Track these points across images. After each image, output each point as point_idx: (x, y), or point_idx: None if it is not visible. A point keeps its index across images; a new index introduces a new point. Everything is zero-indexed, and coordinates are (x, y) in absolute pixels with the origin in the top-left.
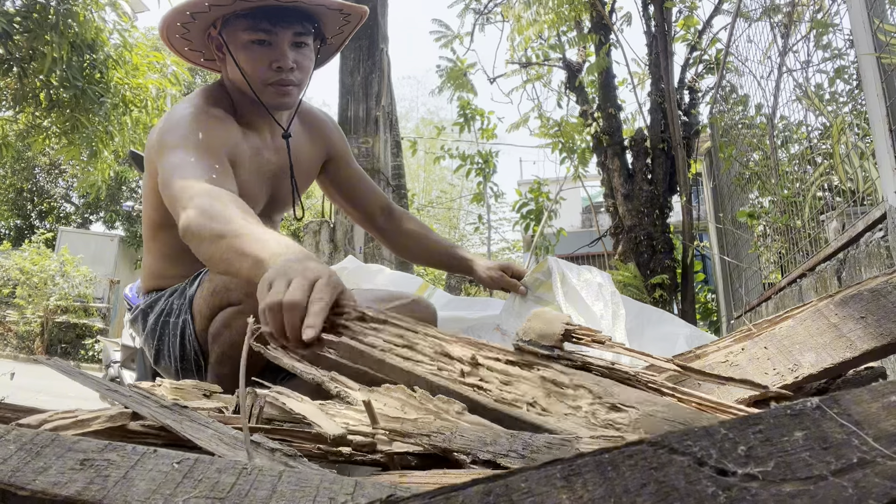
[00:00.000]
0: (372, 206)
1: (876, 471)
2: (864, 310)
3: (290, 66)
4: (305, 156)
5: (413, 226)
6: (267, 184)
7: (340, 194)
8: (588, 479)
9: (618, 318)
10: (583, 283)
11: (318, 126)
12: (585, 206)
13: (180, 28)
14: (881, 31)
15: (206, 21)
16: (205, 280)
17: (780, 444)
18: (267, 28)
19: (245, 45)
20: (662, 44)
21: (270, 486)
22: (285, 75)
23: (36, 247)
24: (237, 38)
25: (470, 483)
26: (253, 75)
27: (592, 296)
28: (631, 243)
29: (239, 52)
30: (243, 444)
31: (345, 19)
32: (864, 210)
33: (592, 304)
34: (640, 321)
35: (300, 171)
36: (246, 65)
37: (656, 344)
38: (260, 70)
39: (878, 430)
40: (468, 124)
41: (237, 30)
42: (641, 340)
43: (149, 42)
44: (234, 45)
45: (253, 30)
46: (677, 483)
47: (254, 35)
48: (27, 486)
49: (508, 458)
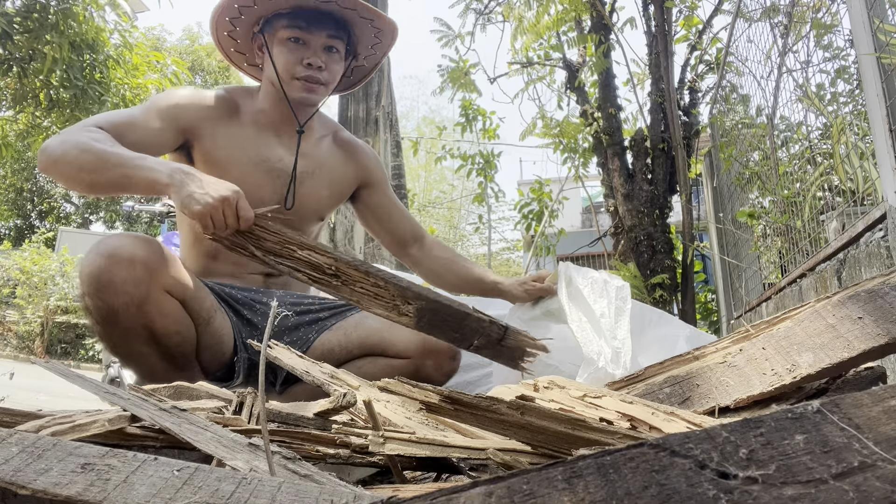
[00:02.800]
0: (404, 234)
1: (877, 474)
2: (861, 310)
3: (320, 64)
4: (331, 170)
5: (443, 253)
6: (267, 176)
7: (374, 220)
8: (589, 481)
9: (622, 315)
10: (588, 281)
11: (354, 151)
12: (585, 206)
13: (228, 25)
14: (881, 31)
15: (252, 18)
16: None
17: (781, 448)
18: (302, 26)
19: (281, 41)
20: (662, 44)
21: (269, 495)
22: (314, 72)
23: (36, 247)
24: (275, 35)
25: (471, 485)
26: (283, 68)
27: (597, 293)
28: (631, 243)
29: (275, 47)
30: (243, 447)
31: (376, 36)
32: (864, 210)
33: (595, 302)
34: (641, 322)
35: (318, 178)
36: (279, 58)
37: (656, 345)
38: (291, 64)
39: (879, 433)
40: (470, 125)
41: (277, 27)
42: (641, 341)
43: (149, 42)
44: (272, 42)
45: (290, 27)
46: (679, 486)
47: (290, 32)
48: (28, 486)
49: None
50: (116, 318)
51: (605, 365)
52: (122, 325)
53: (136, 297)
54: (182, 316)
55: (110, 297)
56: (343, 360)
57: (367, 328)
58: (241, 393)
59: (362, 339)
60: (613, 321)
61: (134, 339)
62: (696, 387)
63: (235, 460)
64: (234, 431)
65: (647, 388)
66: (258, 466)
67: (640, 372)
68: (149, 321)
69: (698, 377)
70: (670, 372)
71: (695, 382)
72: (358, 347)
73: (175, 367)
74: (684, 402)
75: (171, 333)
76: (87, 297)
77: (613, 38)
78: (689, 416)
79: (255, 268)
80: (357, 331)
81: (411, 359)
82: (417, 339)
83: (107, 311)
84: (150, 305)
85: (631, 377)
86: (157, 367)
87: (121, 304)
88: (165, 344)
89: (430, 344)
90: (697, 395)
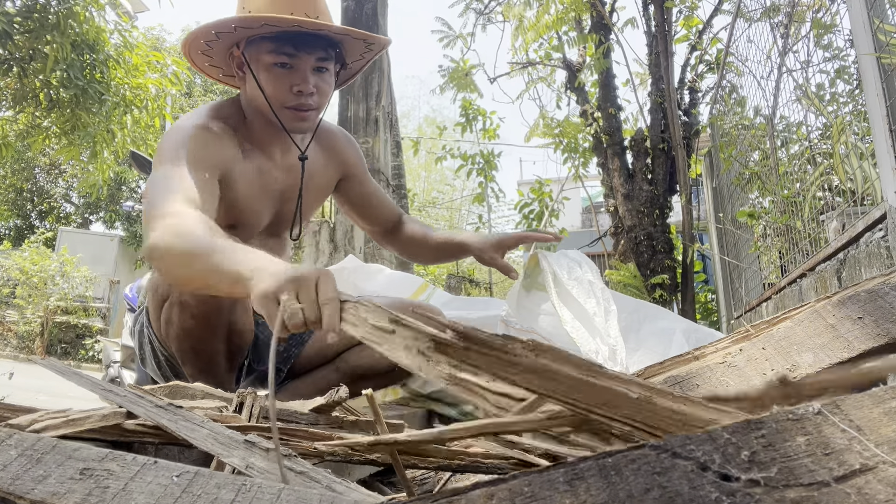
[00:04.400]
0: (385, 220)
1: (878, 477)
2: (861, 310)
3: (311, 90)
4: (319, 176)
5: (413, 229)
6: (272, 202)
7: (354, 211)
8: (591, 483)
9: (610, 315)
10: (573, 281)
11: (333, 145)
12: (585, 206)
13: (203, 45)
14: (881, 31)
15: (230, 41)
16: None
17: (782, 449)
18: (290, 52)
19: (267, 67)
20: (663, 44)
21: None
22: (304, 99)
23: (36, 247)
24: (260, 60)
25: (472, 487)
26: (273, 97)
27: (584, 294)
28: (631, 243)
29: (261, 72)
30: (239, 443)
31: (367, 47)
32: (864, 210)
33: (585, 302)
34: (638, 317)
35: (312, 192)
36: (267, 86)
37: (653, 339)
38: (280, 92)
39: (880, 435)
40: (470, 125)
41: (261, 51)
42: (638, 336)
43: (149, 42)
44: (257, 66)
45: (276, 52)
46: (681, 488)
47: (277, 58)
48: (26, 496)
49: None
50: (219, 314)
51: (603, 363)
52: (219, 320)
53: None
54: (252, 315)
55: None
56: (341, 348)
57: None
58: (241, 393)
59: None
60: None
61: (219, 336)
62: (696, 387)
63: (231, 457)
64: (231, 428)
65: None
66: (254, 464)
67: (640, 372)
68: (236, 319)
69: (698, 377)
70: (670, 372)
71: (695, 382)
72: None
73: (231, 366)
74: None
75: (246, 332)
76: (188, 295)
77: (613, 38)
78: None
79: None
80: None
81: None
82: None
83: (213, 307)
84: (241, 304)
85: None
86: (220, 366)
87: (228, 301)
88: (237, 342)
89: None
90: (697, 395)
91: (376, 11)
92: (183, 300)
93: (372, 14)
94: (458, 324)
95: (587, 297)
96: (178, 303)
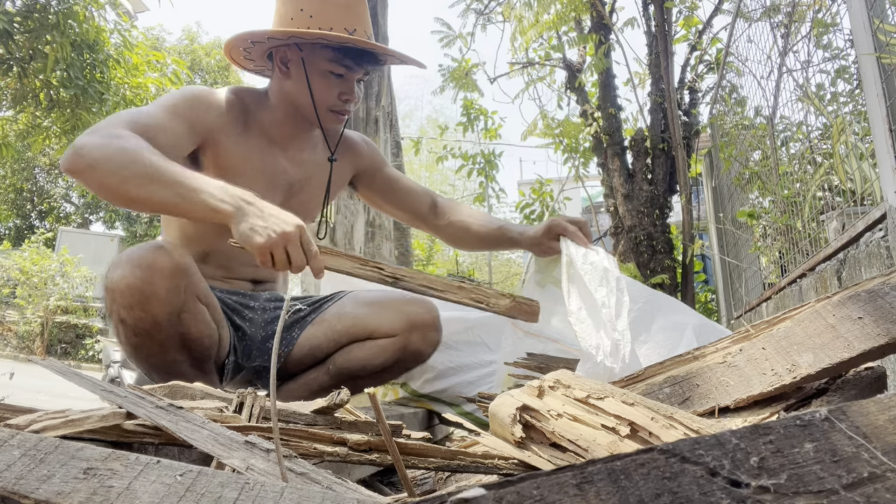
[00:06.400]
0: (417, 205)
1: (886, 486)
2: (861, 310)
3: (355, 99)
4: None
5: (458, 216)
6: (276, 191)
7: (383, 200)
8: (601, 487)
9: (622, 306)
10: (588, 266)
11: (345, 144)
12: (585, 206)
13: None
14: (881, 31)
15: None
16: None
17: (791, 456)
18: (349, 65)
19: (323, 73)
20: (663, 44)
21: (272, 502)
22: (347, 106)
23: (36, 247)
24: (317, 65)
25: (479, 488)
26: (321, 100)
27: (596, 281)
28: (631, 243)
29: (315, 76)
30: (240, 444)
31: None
32: (864, 210)
33: (595, 290)
34: (651, 307)
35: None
36: (317, 89)
37: (664, 334)
38: (329, 97)
39: (886, 443)
40: (471, 124)
41: (318, 57)
42: (650, 329)
43: (149, 42)
44: (311, 68)
45: (337, 62)
46: (691, 494)
47: (335, 68)
48: (31, 495)
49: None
50: (159, 329)
51: (603, 359)
52: (162, 334)
53: (176, 306)
54: (210, 320)
55: (154, 307)
56: (331, 350)
57: (352, 316)
58: (241, 393)
59: (347, 327)
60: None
61: (170, 348)
62: (695, 387)
63: (232, 458)
64: (231, 429)
65: (647, 388)
66: (255, 465)
67: (641, 372)
68: (186, 329)
69: (698, 377)
70: (670, 372)
71: (694, 382)
72: (345, 336)
73: (202, 371)
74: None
75: (204, 338)
76: (125, 309)
77: (613, 38)
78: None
79: (244, 273)
80: (342, 321)
81: (399, 335)
82: (402, 317)
83: (150, 323)
84: (187, 313)
85: (631, 377)
86: (188, 374)
87: (164, 315)
88: (197, 349)
89: (414, 319)
90: (697, 395)
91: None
92: (122, 317)
93: (372, 14)
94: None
95: (599, 284)
96: (119, 321)
